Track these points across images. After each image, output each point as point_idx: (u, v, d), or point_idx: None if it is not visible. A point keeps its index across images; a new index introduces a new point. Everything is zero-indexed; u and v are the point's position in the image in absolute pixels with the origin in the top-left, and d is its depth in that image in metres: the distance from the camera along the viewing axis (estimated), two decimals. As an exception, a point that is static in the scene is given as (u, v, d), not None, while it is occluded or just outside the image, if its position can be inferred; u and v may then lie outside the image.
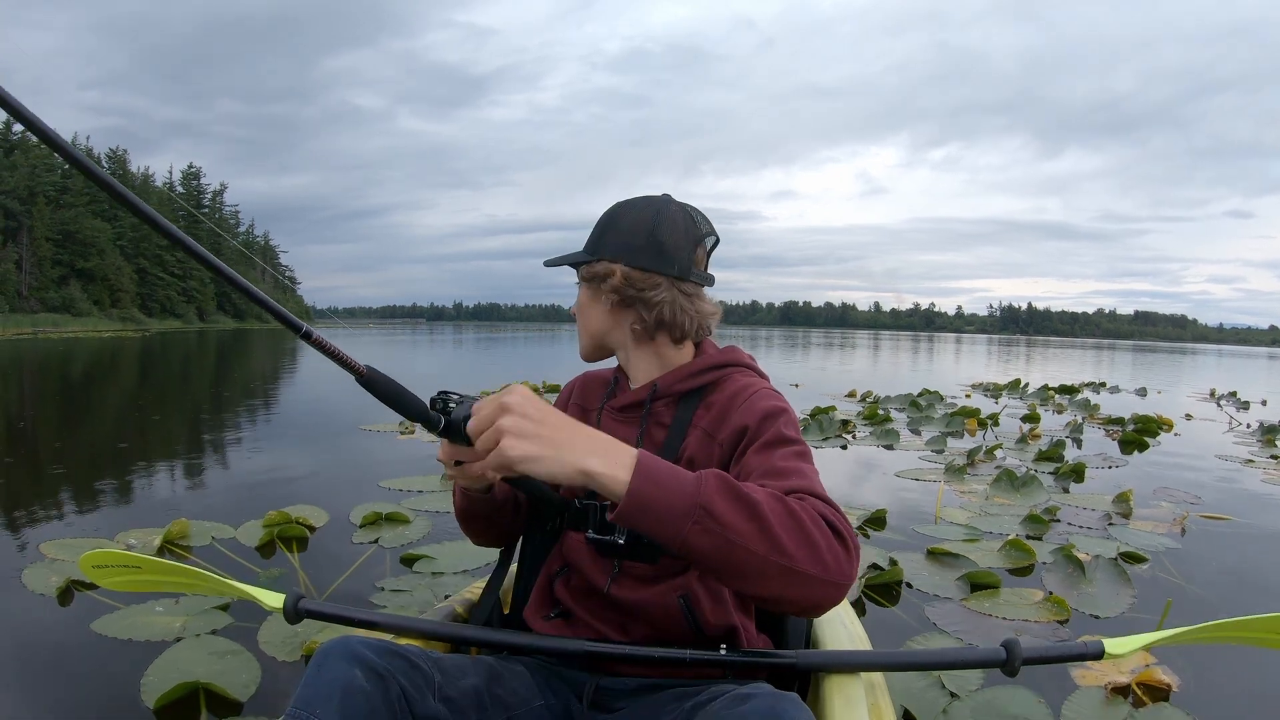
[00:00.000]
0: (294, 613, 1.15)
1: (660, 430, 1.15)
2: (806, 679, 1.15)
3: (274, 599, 1.19)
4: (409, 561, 2.99)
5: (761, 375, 1.19)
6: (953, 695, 2.01)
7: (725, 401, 1.13)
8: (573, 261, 1.19)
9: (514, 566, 1.34)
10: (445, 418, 0.97)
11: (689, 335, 1.17)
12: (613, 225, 1.17)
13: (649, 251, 1.12)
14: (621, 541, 1.07)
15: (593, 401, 1.27)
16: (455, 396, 0.98)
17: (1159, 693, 2.04)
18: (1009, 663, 1.07)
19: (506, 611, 1.32)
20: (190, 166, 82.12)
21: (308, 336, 0.88)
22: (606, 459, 0.83)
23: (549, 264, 1.21)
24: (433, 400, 0.98)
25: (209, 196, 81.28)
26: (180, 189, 78.74)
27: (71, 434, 6.26)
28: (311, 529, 3.38)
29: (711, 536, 0.82)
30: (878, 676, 1.16)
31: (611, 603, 1.12)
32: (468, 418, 0.96)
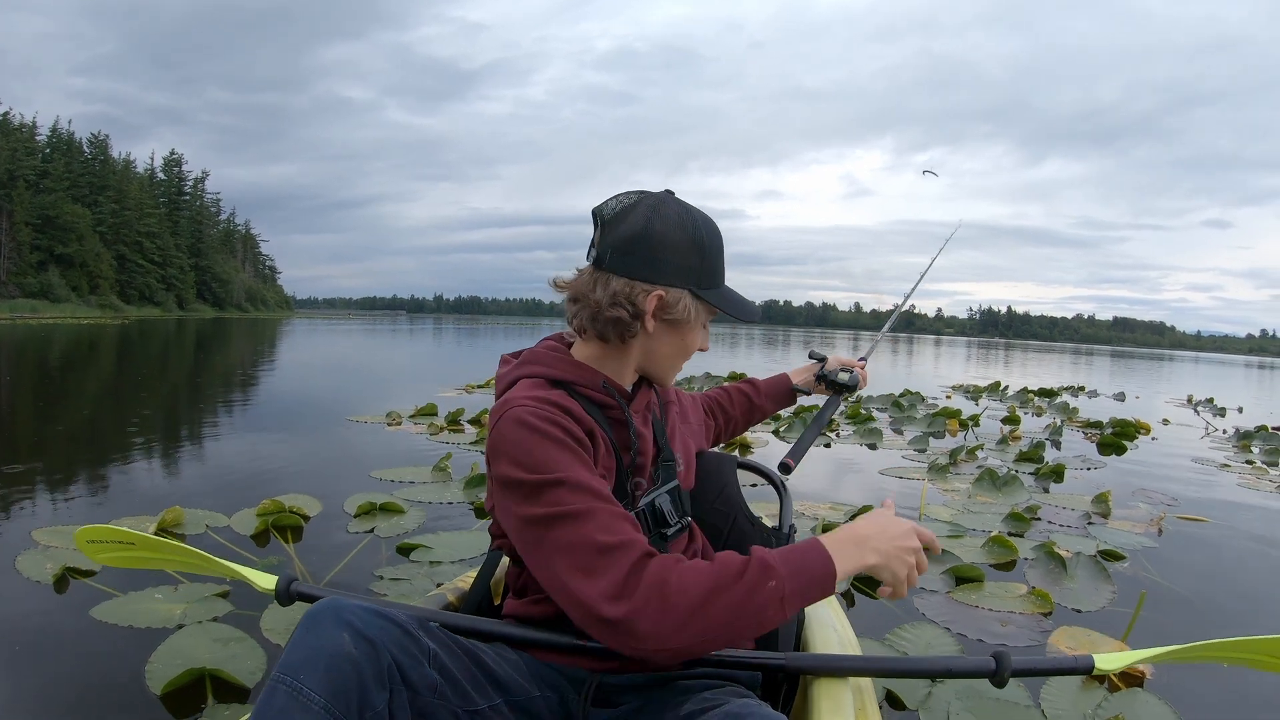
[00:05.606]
0: (286, 594, 1.15)
1: (656, 412, 1.26)
2: (795, 681, 1.17)
3: (266, 580, 1.20)
4: (405, 551, 3.01)
5: None
6: (933, 679, 2.06)
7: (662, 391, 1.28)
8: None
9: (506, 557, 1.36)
10: None
11: None
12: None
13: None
14: None
15: (590, 420, 1.09)
16: None
17: (1133, 679, 2.12)
18: (998, 674, 1.07)
19: (497, 602, 1.29)
20: (172, 154, 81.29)
21: None
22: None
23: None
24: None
25: (190, 184, 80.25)
26: (162, 176, 77.67)
27: (57, 420, 6.20)
28: (306, 518, 3.39)
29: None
30: (865, 680, 1.16)
31: None
32: None
